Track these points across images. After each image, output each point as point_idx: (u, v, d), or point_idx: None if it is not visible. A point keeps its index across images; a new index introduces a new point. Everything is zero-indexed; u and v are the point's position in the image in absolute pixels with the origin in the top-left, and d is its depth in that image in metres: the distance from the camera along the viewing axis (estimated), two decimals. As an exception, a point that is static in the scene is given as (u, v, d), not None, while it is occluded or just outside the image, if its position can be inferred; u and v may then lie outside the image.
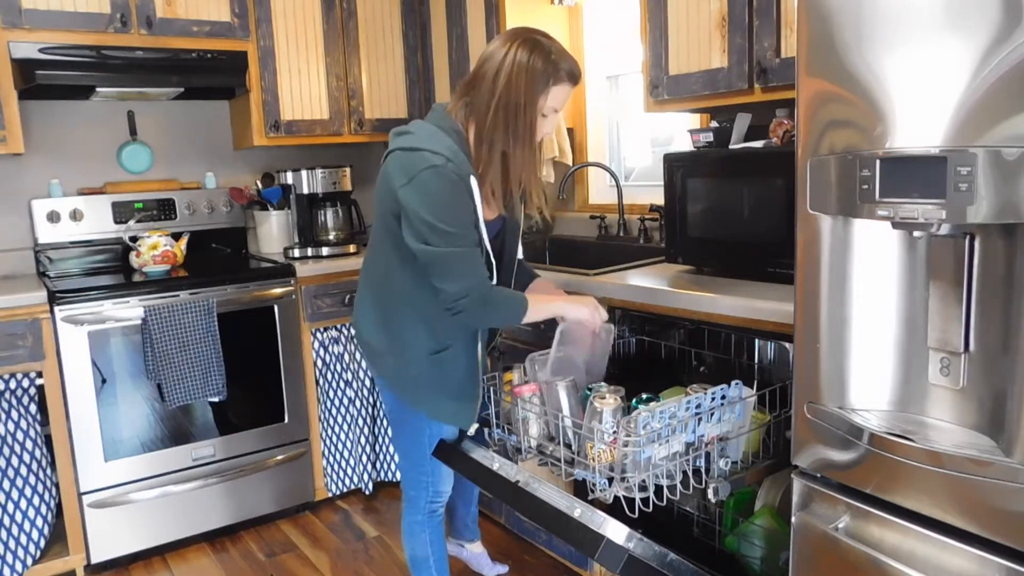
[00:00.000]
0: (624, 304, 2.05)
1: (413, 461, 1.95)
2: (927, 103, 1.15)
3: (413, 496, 1.98)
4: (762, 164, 1.92)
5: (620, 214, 2.83)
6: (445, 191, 1.64)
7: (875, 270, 1.32)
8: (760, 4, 1.95)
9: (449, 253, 1.65)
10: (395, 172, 1.68)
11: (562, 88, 1.70)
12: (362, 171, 3.60)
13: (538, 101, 1.68)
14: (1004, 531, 1.14)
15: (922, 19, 1.15)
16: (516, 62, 1.66)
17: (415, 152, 1.66)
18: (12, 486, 2.40)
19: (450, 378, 1.84)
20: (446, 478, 1.97)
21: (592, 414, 1.55)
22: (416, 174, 1.64)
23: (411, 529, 2.01)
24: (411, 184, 1.64)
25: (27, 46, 2.53)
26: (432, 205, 1.63)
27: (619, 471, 1.50)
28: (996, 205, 1.08)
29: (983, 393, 1.21)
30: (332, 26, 3.14)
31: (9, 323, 2.38)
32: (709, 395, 1.53)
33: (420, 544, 2.01)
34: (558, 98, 1.71)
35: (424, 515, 1.98)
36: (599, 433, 1.52)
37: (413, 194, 1.64)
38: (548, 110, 1.71)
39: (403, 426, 1.93)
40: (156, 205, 3.06)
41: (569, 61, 1.70)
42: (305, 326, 2.91)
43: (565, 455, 1.62)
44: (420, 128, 1.73)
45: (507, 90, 1.67)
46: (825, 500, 1.40)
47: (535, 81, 1.66)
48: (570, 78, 1.70)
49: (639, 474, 1.50)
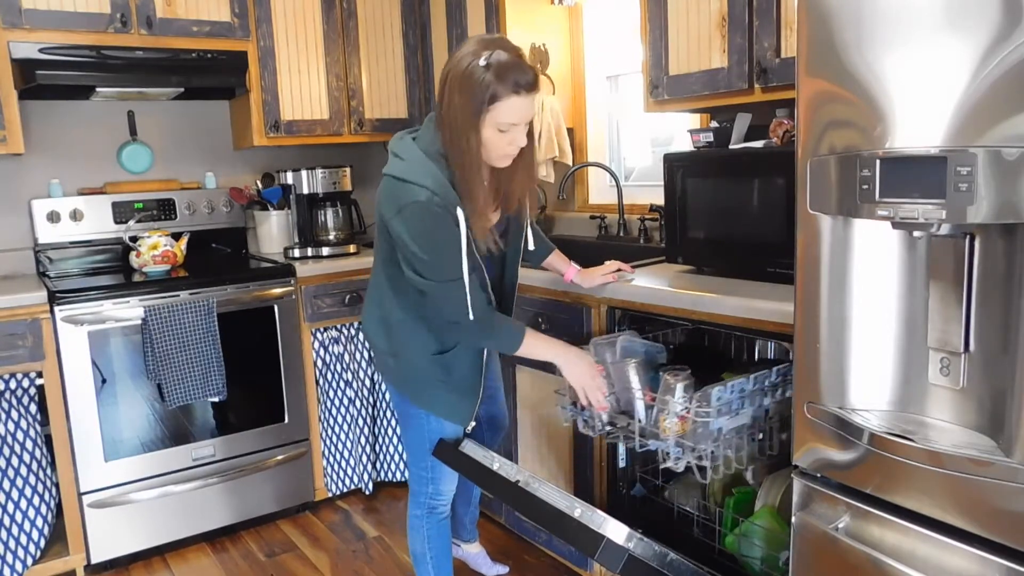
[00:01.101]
0: (624, 304, 2.05)
1: (415, 456, 1.97)
2: (927, 103, 1.15)
3: (416, 491, 2.01)
4: (762, 164, 1.92)
5: (620, 214, 2.83)
6: (430, 226, 1.64)
7: (875, 270, 1.32)
8: (760, 4, 1.95)
9: (437, 286, 1.69)
10: (385, 199, 1.70)
11: (510, 101, 1.60)
12: (362, 171, 3.60)
13: (481, 121, 1.61)
14: (1004, 531, 1.14)
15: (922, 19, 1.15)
16: (455, 76, 1.61)
17: (403, 184, 1.65)
18: (12, 486, 2.40)
19: (452, 375, 1.86)
20: (448, 478, 1.98)
21: (665, 389, 1.68)
22: (403, 207, 1.65)
23: (411, 523, 2.04)
24: (399, 216, 1.65)
25: (27, 46, 2.52)
26: (418, 238, 1.65)
27: (691, 441, 1.64)
28: (996, 205, 1.08)
29: (983, 393, 1.21)
30: (332, 26, 3.14)
31: (9, 323, 2.38)
32: (775, 371, 1.65)
33: (419, 540, 2.03)
34: (510, 113, 1.61)
35: (424, 511, 2.00)
36: (672, 406, 1.65)
37: (402, 226, 1.66)
38: (504, 125, 1.63)
39: (407, 420, 1.95)
40: (156, 205, 3.06)
41: (512, 71, 1.59)
42: (305, 326, 2.91)
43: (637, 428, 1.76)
44: (409, 153, 1.69)
45: (449, 110, 1.63)
46: (825, 500, 1.40)
47: (471, 98, 1.59)
48: (516, 90, 1.59)
49: (709, 444, 1.63)
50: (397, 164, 1.70)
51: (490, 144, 1.66)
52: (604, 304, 2.10)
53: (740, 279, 1.98)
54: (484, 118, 1.62)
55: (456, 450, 1.88)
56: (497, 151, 1.68)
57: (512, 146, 1.68)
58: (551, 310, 2.27)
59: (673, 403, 1.65)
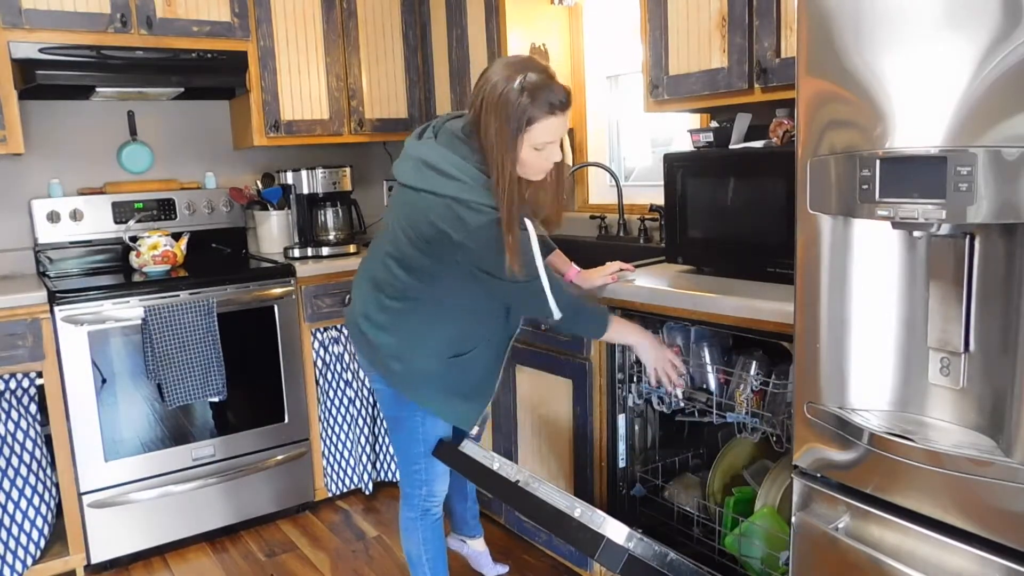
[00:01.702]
0: (624, 304, 2.05)
1: (407, 458, 1.96)
2: (927, 103, 1.15)
3: (409, 493, 2.00)
4: (762, 164, 1.91)
5: (620, 214, 2.83)
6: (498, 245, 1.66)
7: (875, 270, 1.32)
8: (760, 4, 1.95)
9: (518, 289, 1.72)
10: (451, 223, 1.66)
11: (546, 122, 1.66)
12: (362, 171, 3.60)
13: (518, 143, 1.65)
14: (1004, 531, 1.14)
15: (922, 19, 1.15)
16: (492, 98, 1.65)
17: (467, 207, 1.65)
18: (12, 486, 2.40)
19: (466, 378, 1.85)
20: (441, 478, 1.98)
21: (742, 366, 1.86)
22: (474, 229, 1.65)
23: (405, 526, 2.03)
24: (470, 238, 1.65)
25: (27, 46, 2.52)
26: (497, 254, 1.66)
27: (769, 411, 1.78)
28: (996, 205, 1.08)
29: (983, 393, 1.21)
30: (332, 26, 3.14)
31: (9, 323, 2.38)
32: None
33: (414, 543, 2.03)
34: (546, 134, 1.67)
35: (418, 513, 2.00)
36: (750, 381, 1.81)
37: (476, 246, 1.66)
38: (540, 144, 1.68)
39: (398, 423, 1.94)
40: (156, 205, 3.06)
41: (546, 93, 1.65)
42: (305, 326, 2.91)
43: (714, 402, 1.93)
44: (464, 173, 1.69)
45: (487, 136, 1.67)
46: (825, 500, 1.40)
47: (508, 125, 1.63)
48: (551, 111, 1.65)
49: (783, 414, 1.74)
50: (454, 185, 1.67)
51: (527, 163, 1.70)
52: (604, 304, 2.10)
53: (740, 279, 1.98)
54: (521, 139, 1.66)
55: (456, 450, 1.88)
56: (534, 168, 1.73)
57: (548, 162, 1.74)
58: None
59: (751, 378, 1.83)
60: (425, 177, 1.70)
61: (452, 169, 1.68)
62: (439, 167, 1.70)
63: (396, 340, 1.84)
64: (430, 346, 1.82)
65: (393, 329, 1.84)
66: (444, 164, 1.70)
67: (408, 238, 1.75)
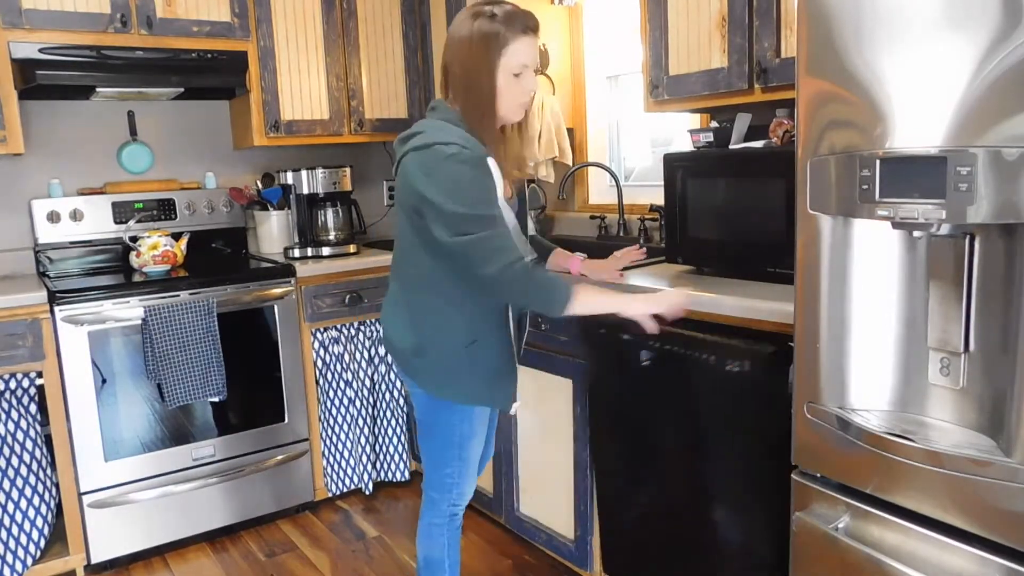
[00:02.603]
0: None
1: (439, 463, 1.91)
2: (927, 103, 1.15)
3: (436, 499, 1.95)
4: (762, 164, 1.91)
5: (620, 214, 2.83)
6: (465, 175, 1.63)
7: (875, 270, 1.32)
8: (760, 4, 1.95)
9: (481, 238, 1.63)
10: (414, 171, 1.67)
11: (520, 42, 1.68)
12: (362, 171, 3.60)
13: (496, 67, 1.67)
14: (1004, 531, 1.14)
15: (922, 19, 1.15)
16: (462, 39, 1.68)
17: (428, 148, 1.65)
18: (12, 486, 2.40)
19: (486, 364, 1.81)
20: (471, 479, 1.94)
21: None
22: (434, 167, 1.63)
23: (430, 531, 1.98)
24: (431, 178, 1.63)
25: (27, 46, 2.52)
26: (456, 193, 1.62)
27: None
28: (996, 205, 1.08)
29: (983, 393, 1.21)
30: (332, 26, 3.14)
31: (9, 323, 2.38)
32: None
33: (438, 547, 1.97)
34: (522, 54, 1.69)
35: (445, 518, 1.95)
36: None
37: (435, 188, 1.63)
38: (517, 68, 1.69)
39: (433, 428, 1.89)
40: (156, 205, 3.06)
41: (518, 15, 1.68)
42: (305, 326, 2.91)
43: None
44: (427, 125, 1.73)
45: (465, 70, 1.68)
46: (825, 500, 1.40)
47: (487, 49, 1.66)
48: (524, 31, 1.69)
49: None
50: (417, 138, 1.69)
51: (506, 93, 1.70)
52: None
53: (740, 279, 1.98)
54: (499, 64, 1.67)
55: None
56: (513, 100, 1.72)
57: (525, 94, 1.73)
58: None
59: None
60: (399, 150, 1.74)
61: (416, 128, 1.73)
62: (407, 133, 1.74)
63: (417, 337, 1.81)
64: (449, 337, 1.78)
65: (414, 327, 1.81)
66: (411, 129, 1.74)
67: (408, 220, 1.75)
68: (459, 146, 1.64)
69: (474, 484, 1.97)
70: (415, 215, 1.71)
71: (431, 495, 1.96)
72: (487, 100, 1.69)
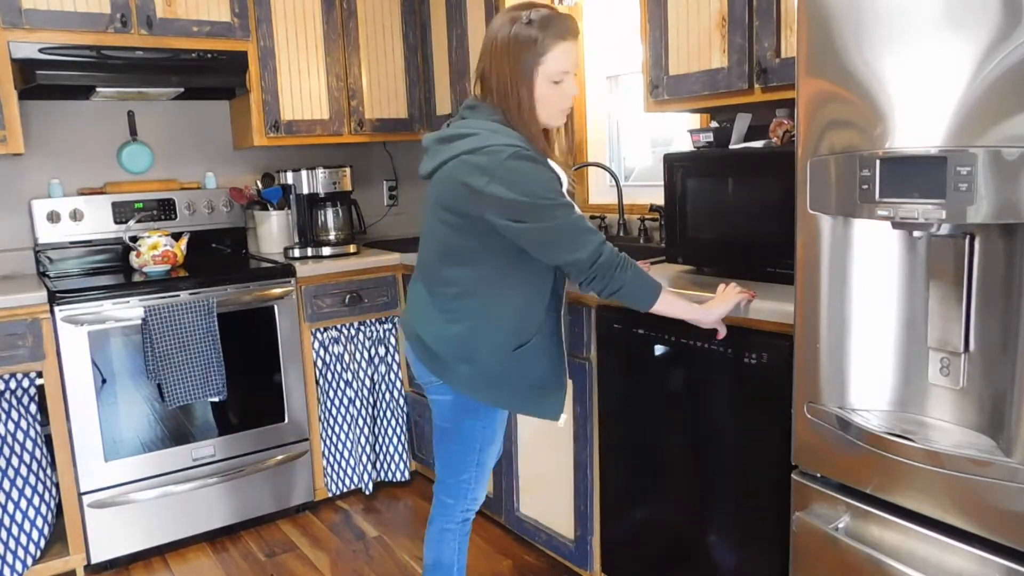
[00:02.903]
0: (624, 304, 2.04)
1: (458, 468, 1.89)
2: (927, 103, 1.15)
3: (451, 504, 1.93)
4: (762, 164, 1.91)
5: (620, 214, 2.83)
6: (532, 170, 1.60)
7: (875, 270, 1.32)
8: (760, 4, 1.95)
9: (561, 223, 1.60)
10: (470, 175, 1.61)
11: (559, 49, 1.63)
12: (362, 171, 3.60)
13: (535, 75, 1.64)
14: (1004, 531, 1.14)
15: (922, 19, 1.15)
16: (498, 46, 1.64)
17: (484, 150, 1.61)
18: (12, 486, 2.40)
19: (535, 370, 1.78)
20: (484, 484, 1.93)
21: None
22: (497, 167, 1.59)
23: (441, 536, 1.95)
24: (496, 178, 1.58)
25: (27, 46, 2.52)
26: (528, 186, 1.58)
27: None
28: (996, 205, 1.08)
29: (983, 393, 1.21)
30: (332, 26, 3.14)
31: (9, 323, 2.38)
32: None
33: (448, 552, 1.95)
34: (561, 61, 1.64)
35: (458, 523, 1.94)
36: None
37: (502, 186, 1.58)
38: (557, 75, 1.65)
39: (455, 433, 1.86)
40: (156, 205, 3.06)
41: (556, 20, 1.63)
42: (305, 326, 2.91)
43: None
44: (478, 127, 1.67)
45: (502, 78, 1.65)
46: (825, 500, 1.40)
47: (524, 56, 1.62)
48: (564, 36, 1.64)
49: None
50: (469, 140, 1.64)
51: (546, 100, 1.67)
52: (603, 304, 2.10)
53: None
54: (537, 72, 1.63)
55: None
56: (554, 107, 1.69)
57: (566, 99, 1.70)
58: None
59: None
60: (441, 151, 1.69)
61: (464, 130, 1.67)
62: (452, 134, 1.69)
63: (459, 343, 1.76)
64: (493, 341, 1.74)
65: (455, 332, 1.76)
66: (456, 130, 1.69)
67: (446, 224, 1.70)
68: (518, 147, 1.60)
69: (486, 489, 1.96)
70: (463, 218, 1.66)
71: (445, 500, 1.93)
72: (527, 108, 1.66)
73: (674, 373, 1.94)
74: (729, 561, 1.85)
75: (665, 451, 1.99)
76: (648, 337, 1.99)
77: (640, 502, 2.10)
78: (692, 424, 1.90)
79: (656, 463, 2.03)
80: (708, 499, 1.88)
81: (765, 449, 1.70)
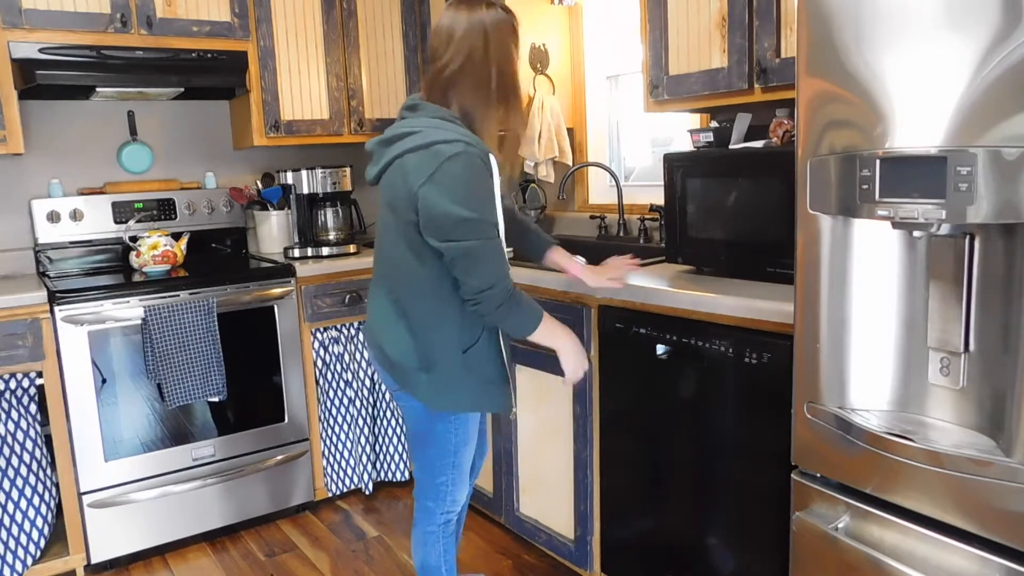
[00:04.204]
0: (624, 304, 2.05)
1: (435, 471, 1.90)
2: (927, 103, 1.15)
3: (431, 507, 1.94)
4: (762, 164, 1.92)
5: (620, 214, 2.83)
6: (471, 177, 1.61)
7: (875, 270, 1.32)
8: (760, 4, 1.95)
9: (475, 246, 1.62)
10: (412, 172, 1.64)
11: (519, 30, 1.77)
12: (362, 171, 3.57)
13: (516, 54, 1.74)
14: (1004, 531, 1.14)
15: (922, 19, 1.15)
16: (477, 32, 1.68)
17: (429, 148, 1.62)
18: (12, 486, 2.40)
19: (484, 369, 1.80)
20: (463, 484, 1.94)
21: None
22: (437, 168, 1.60)
23: (426, 539, 1.97)
24: (432, 180, 1.60)
25: (27, 46, 2.52)
26: (457, 194, 1.60)
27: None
28: (996, 205, 1.08)
29: (983, 393, 1.21)
30: (332, 26, 3.14)
31: (9, 323, 2.38)
32: None
33: (434, 554, 1.97)
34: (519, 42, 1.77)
35: (439, 525, 1.95)
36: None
37: (435, 189, 1.60)
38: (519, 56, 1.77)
39: (428, 438, 1.88)
40: (156, 205, 3.06)
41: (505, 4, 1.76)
42: (305, 326, 2.91)
43: None
44: (421, 124, 1.68)
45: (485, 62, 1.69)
46: (825, 500, 1.40)
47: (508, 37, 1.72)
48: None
49: None
50: (413, 138, 1.65)
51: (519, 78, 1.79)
52: (603, 304, 2.11)
53: (740, 279, 1.98)
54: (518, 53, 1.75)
55: None
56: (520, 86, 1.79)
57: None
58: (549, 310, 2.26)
59: None
60: (384, 153, 1.73)
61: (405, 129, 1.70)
62: (394, 135, 1.72)
63: (418, 352, 1.78)
64: (446, 344, 1.76)
65: (413, 343, 1.78)
66: (397, 130, 1.72)
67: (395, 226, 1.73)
68: (464, 143, 1.62)
69: (466, 490, 1.98)
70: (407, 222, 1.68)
71: (426, 504, 1.96)
72: (512, 88, 1.72)
73: (674, 373, 1.94)
74: (729, 560, 1.85)
75: (665, 451, 1.99)
76: (649, 336, 1.99)
77: (640, 502, 2.10)
78: (692, 424, 1.90)
79: (656, 463, 2.03)
80: (708, 499, 1.88)
81: (765, 449, 1.70)
